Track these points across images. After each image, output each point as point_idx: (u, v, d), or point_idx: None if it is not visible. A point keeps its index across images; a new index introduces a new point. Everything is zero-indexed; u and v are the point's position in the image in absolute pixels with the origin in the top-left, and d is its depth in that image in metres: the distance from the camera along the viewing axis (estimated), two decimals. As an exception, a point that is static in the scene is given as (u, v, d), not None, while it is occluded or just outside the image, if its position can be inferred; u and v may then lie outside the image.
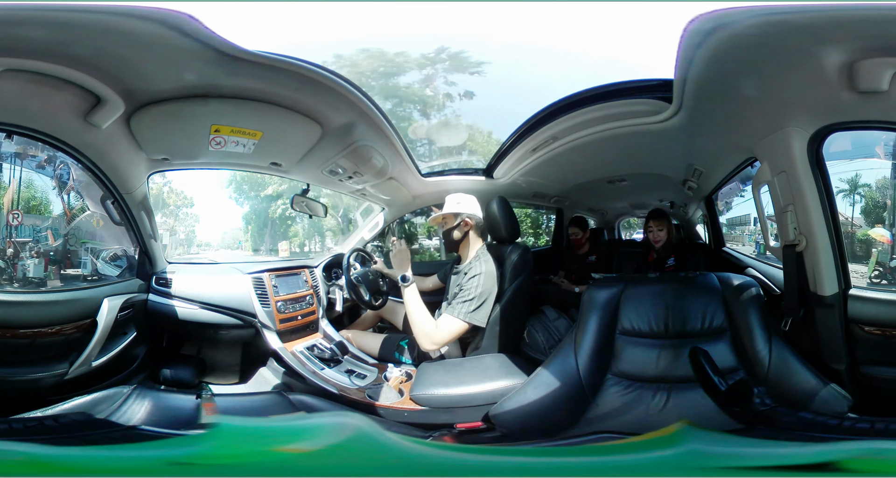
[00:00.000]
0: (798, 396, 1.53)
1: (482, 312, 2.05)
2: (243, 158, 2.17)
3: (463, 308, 2.03)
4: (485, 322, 2.06)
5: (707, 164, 2.48)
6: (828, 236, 1.59)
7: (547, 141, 2.23)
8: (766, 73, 1.35)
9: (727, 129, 1.81)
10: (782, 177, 1.64)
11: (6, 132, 1.63)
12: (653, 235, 3.02)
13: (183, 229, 11.57)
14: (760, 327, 1.67)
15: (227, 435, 1.09)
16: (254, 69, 1.47)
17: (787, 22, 1.15)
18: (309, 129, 1.93)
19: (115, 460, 1.00)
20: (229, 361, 2.49)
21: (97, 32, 1.25)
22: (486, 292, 2.07)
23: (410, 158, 2.59)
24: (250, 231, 13.13)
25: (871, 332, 1.58)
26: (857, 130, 1.54)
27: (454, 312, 2.04)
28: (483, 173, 2.94)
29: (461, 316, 2.02)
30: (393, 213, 3.35)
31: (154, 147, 1.97)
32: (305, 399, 1.91)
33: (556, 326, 2.27)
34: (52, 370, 1.72)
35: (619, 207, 4.64)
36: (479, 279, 2.07)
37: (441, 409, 1.86)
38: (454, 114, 13.17)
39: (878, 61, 1.21)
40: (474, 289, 2.05)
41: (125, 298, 2.00)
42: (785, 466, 0.95)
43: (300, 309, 2.43)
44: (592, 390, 1.71)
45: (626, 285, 1.83)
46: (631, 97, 1.77)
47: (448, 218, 2.24)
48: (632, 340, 1.76)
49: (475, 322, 2.04)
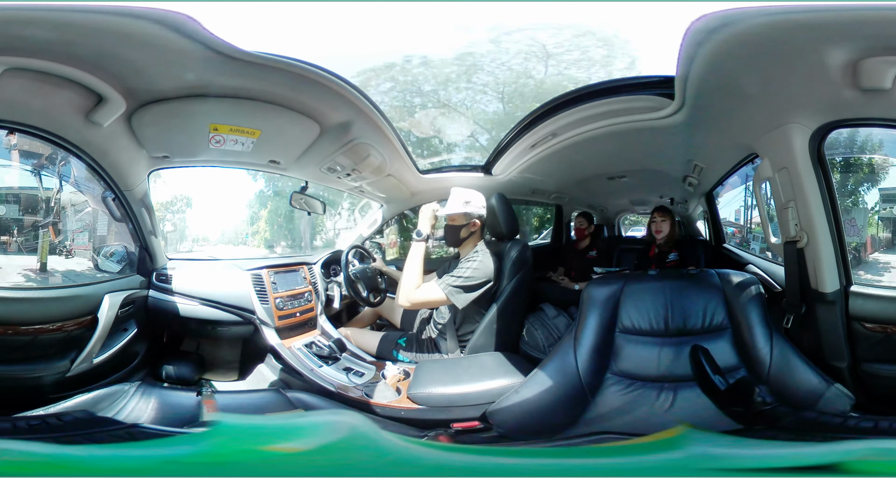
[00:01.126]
0: (800, 394, 1.53)
1: (465, 295, 2.05)
2: (242, 156, 2.17)
3: (448, 281, 2.05)
4: (462, 305, 2.06)
5: (708, 160, 2.48)
6: (829, 233, 1.59)
7: (546, 137, 2.22)
8: (768, 71, 1.35)
9: (728, 125, 1.80)
10: (783, 173, 1.63)
11: (9, 130, 1.64)
12: (655, 225, 3.05)
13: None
14: (761, 325, 1.66)
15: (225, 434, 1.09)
16: (252, 69, 1.48)
17: (792, 21, 1.14)
18: (307, 127, 1.94)
19: (118, 459, 1.00)
20: (228, 357, 2.50)
21: (98, 32, 1.26)
22: (477, 279, 2.07)
23: (408, 155, 2.59)
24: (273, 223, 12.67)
25: (873, 329, 1.57)
26: (858, 126, 1.54)
27: (440, 282, 2.07)
28: (482, 170, 2.93)
29: (443, 287, 2.05)
30: (391, 210, 3.35)
31: (154, 145, 1.99)
32: (303, 397, 1.91)
33: (556, 324, 2.26)
34: (53, 367, 1.73)
35: (620, 203, 4.62)
36: (476, 264, 2.08)
37: (438, 408, 1.85)
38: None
39: (883, 60, 1.21)
40: (467, 271, 2.07)
41: (126, 295, 2.01)
42: (789, 467, 0.94)
43: (299, 306, 2.43)
44: (592, 389, 1.70)
45: (626, 282, 1.83)
46: (632, 93, 1.76)
47: (458, 217, 2.21)
48: (632, 338, 1.75)
49: (453, 299, 2.04)
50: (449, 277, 2.07)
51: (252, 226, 11.49)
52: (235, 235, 11.75)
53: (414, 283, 2.06)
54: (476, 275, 2.07)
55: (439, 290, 2.05)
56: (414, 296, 2.06)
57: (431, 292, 2.06)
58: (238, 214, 10.93)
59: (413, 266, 2.07)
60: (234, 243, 10.34)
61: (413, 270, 2.07)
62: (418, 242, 2.10)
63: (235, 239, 11.10)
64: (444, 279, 2.07)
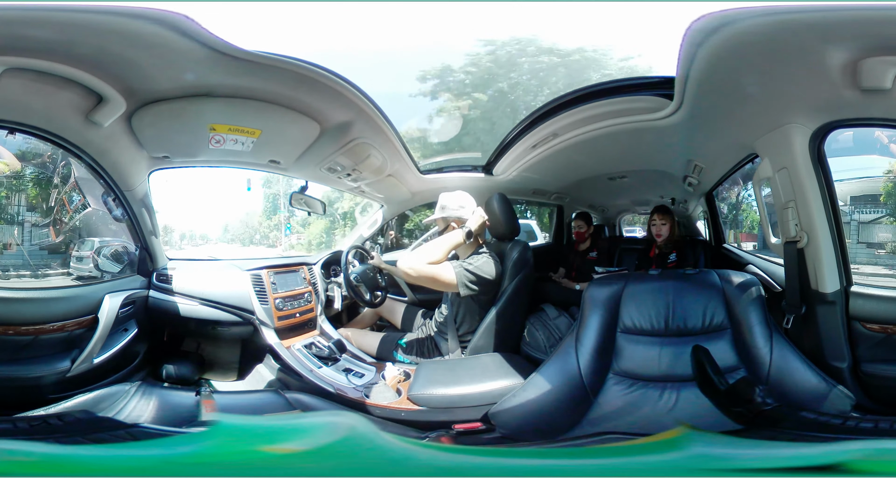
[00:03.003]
0: (800, 394, 1.53)
1: (472, 285, 2.05)
2: (242, 156, 2.17)
3: (463, 265, 2.06)
4: (465, 292, 2.05)
5: (708, 160, 2.48)
6: (829, 233, 1.59)
7: (547, 138, 2.22)
8: (768, 71, 1.35)
9: (728, 125, 1.80)
10: (783, 173, 1.63)
11: (9, 130, 1.64)
12: (656, 228, 3.05)
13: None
14: (761, 325, 1.66)
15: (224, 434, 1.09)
16: (252, 68, 1.48)
17: (792, 20, 1.14)
18: (307, 127, 1.94)
19: (118, 459, 1.00)
20: (228, 358, 2.49)
21: (98, 32, 1.26)
22: (484, 274, 2.08)
23: (409, 155, 2.59)
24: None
25: (873, 329, 1.57)
26: (859, 127, 1.54)
27: (454, 264, 2.07)
28: (482, 170, 2.93)
29: (455, 268, 2.05)
30: (392, 210, 3.35)
31: (155, 145, 1.98)
32: (302, 398, 1.91)
33: (557, 325, 2.26)
34: (54, 367, 1.73)
35: (620, 203, 4.63)
36: (484, 259, 2.11)
37: (439, 409, 1.84)
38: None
39: (883, 59, 1.21)
40: (477, 261, 2.09)
41: (126, 295, 2.01)
42: (790, 468, 0.94)
43: (298, 307, 2.43)
44: (594, 389, 1.70)
45: (626, 283, 1.83)
46: (632, 94, 1.76)
47: (438, 222, 2.31)
48: (633, 338, 1.75)
49: (460, 281, 2.03)
50: (463, 262, 2.08)
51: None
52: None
53: (431, 256, 2.03)
54: (484, 269, 2.08)
55: (451, 270, 2.04)
56: (424, 267, 2.01)
57: (443, 271, 2.04)
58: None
59: (441, 244, 2.08)
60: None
61: (439, 246, 2.07)
62: (462, 232, 2.11)
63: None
64: (460, 262, 2.08)
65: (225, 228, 13.70)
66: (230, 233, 13.16)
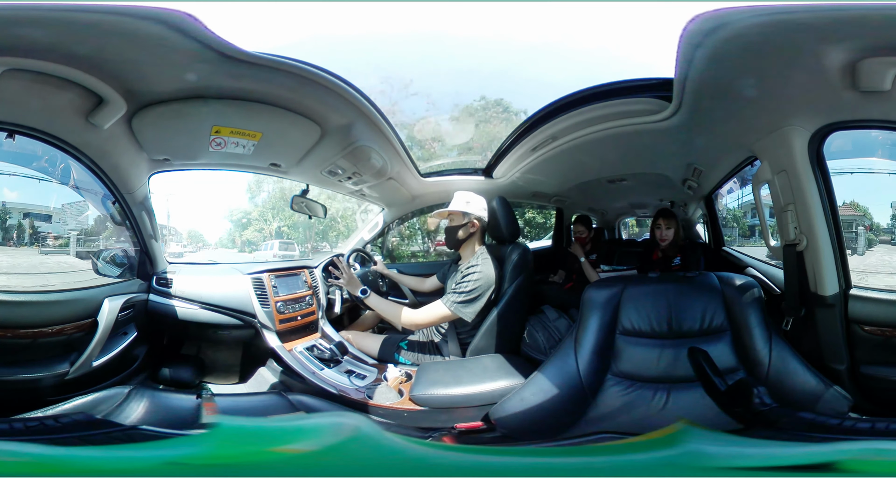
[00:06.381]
0: (798, 396, 1.54)
1: (472, 307, 2.07)
2: (243, 159, 2.17)
3: (452, 298, 2.08)
4: (471, 318, 2.08)
5: (707, 163, 2.48)
6: (828, 236, 1.59)
7: (546, 140, 2.22)
8: (766, 73, 1.35)
9: (727, 128, 1.80)
10: (782, 176, 1.64)
11: (8, 132, 1.63)
12: (660, 232, 3.01)
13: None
14: (761, 327, 1.67)
15: (227, 435, 1.08)
16: (253, 70, 1.47)
17: (789, 21, 1.14)
18: (308, 129, 1.93)
19: (115, 460, 1.00)
20: (229, 361, 2.49)
21: (99, 32, 1.25)
22: (480, 290, 2.07)
23: (409, 158, 2.59)
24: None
25: (872, 332, 1.58)
26: (858, 129, 1.54)
27: (444, 300, 2.09)
28: (482, 173, 2.94)
29: (447, 304, 2.07)
30: (392, 213, 3.35)
31: (155, 147, 1.98)
32: (305, 399, 1.91)
33: (557, 326, 2.26)
34: (53, 370, 1.72)
35: (620, 206, 4.63)
36: (476, 276, 2.08)
37: (441, 409, 1.85)
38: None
39: (881, 60, 1.21)
40: (469, 284, 2.08)
41: (126, 298, 2.00)
42: (785, 466, 0.94)
43: (300, 309, 2.43)
44: (593, 390, 1.71)
45: (626, 285, 1.83)
46: (630, 96, 1.77)
47: (455, 215, 2.25)
48: (632, 339, 1.76)
49: (460, 314, 2.06)
50: (453, 294, 2.09)
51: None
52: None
53: (403, 312, 2.15)
54: (478, 286, 2.08)
55: (444, 308, 2.08)
56: (418, 319, 2.12)
57: (436, 311, 2.10)
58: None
59: (386, 308, 2.23)
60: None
61: (390, 309, 2.21)
62: (367, 298, 2.21)
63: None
64: (449, 297, 2.10)
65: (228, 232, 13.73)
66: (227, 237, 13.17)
